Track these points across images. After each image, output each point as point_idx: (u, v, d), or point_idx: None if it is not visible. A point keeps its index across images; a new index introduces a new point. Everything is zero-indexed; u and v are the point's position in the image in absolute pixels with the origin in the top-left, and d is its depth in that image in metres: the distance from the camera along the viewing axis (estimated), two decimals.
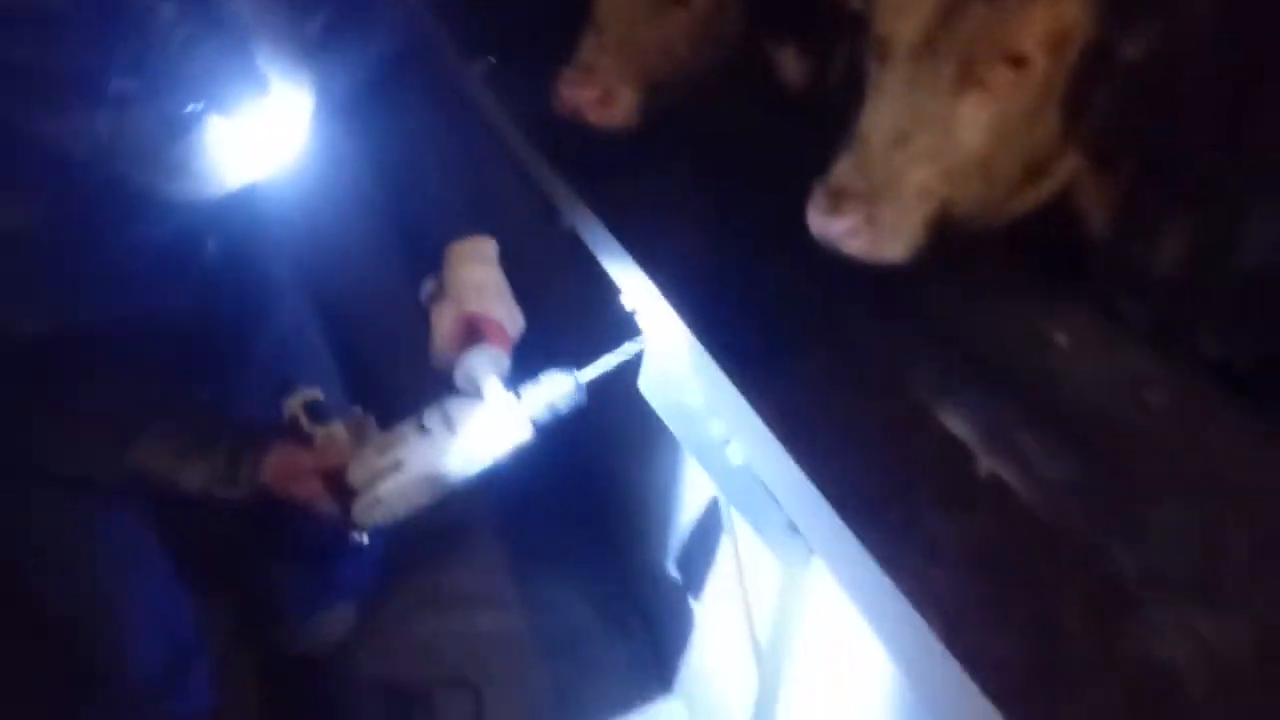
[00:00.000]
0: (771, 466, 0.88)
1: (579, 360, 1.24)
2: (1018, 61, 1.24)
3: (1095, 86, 1.33)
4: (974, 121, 1.25)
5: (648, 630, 2.05)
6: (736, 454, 1.13)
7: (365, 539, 1.22)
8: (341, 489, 1.22)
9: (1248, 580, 1.27)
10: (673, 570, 1.53)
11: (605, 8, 1.81)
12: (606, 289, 1.32)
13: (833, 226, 1.24)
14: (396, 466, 1.18)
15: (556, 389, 1.18)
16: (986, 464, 1.47)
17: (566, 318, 1.41)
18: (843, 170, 1.26)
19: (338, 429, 1.23)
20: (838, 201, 1.22)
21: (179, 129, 1.08)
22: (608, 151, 1.76)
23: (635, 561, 1.97)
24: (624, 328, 1.25)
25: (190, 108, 1.06)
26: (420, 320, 1.39)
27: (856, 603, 1.16)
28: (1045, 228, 1.59)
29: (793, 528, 1.20)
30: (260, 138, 1.13)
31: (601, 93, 1.72)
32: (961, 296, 1.55)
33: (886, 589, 1.02)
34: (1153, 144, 1.57)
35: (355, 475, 1.20)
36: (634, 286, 1.16)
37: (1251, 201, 1.52)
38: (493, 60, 1.56)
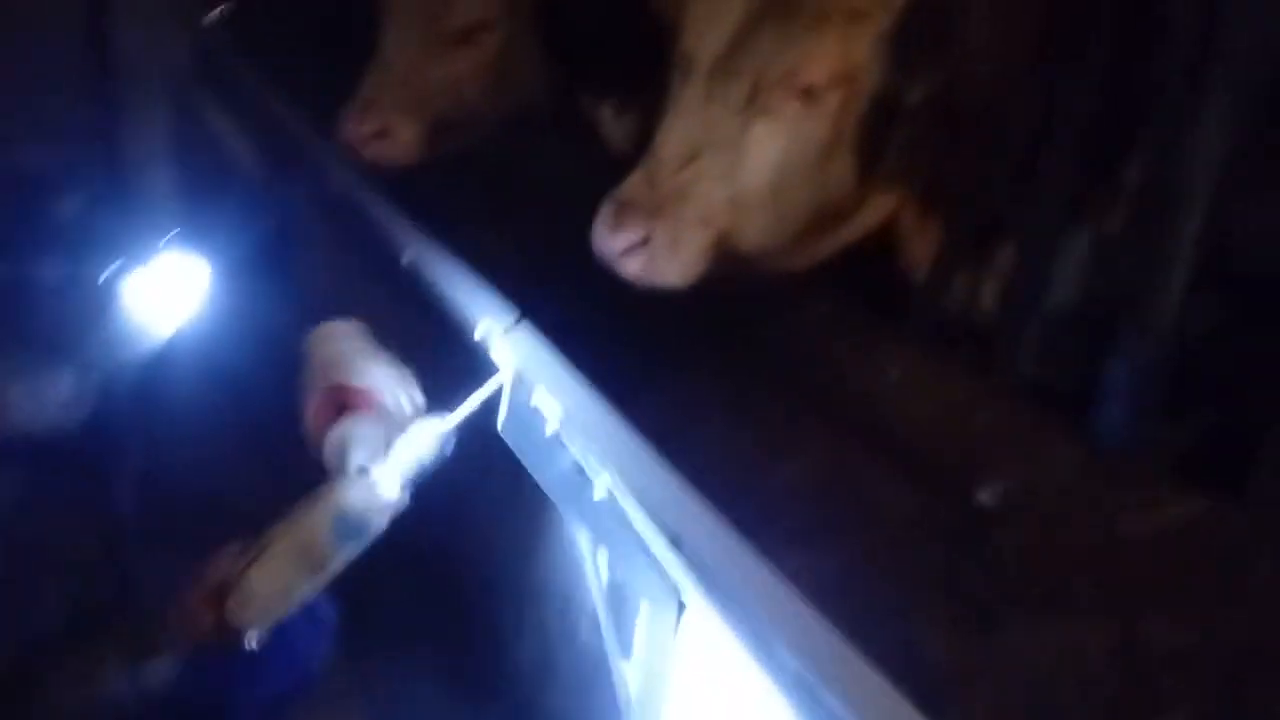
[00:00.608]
0: (643, 490, 0.83)
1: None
2: (807, 94, 1.27)
3: (890, 130, 1.38)
4: (762, 149, 1.26)
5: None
6: (601, 488, 1.07)
7: (254, 642, 1.08)
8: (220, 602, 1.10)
9: (1094, 588, 1.31)
10: (543, 630, 1.45)
11: (388, 44, 1.79)
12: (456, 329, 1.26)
13: (612, 242, 1.22)
14: (261, 552, 1.07)
15: (420, 441, 1.09)
16: (838, 497, 1.48)
17: (425, 365, 1.33)
18: (631, 184, 1.25)
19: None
20: (621, 216, 1.21)
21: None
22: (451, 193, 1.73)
23: (495, 628, 1.85)
24: (480, 368, 1.19)
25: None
26: None
27: (726, 640, 1.13)
28: (873, 266, 1.63)
29: (660, 567, 1.16)
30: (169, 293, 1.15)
31: (379, 128, 1.69)
32: (800, 334, 1.57)
33: (754, 624, 0.97)
34: (962, 185, 1.66)
35: (217, 571, 1.08)
36: (485, 319, 1.10)
37: (1054, 236, 1.61)
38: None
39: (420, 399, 1.13)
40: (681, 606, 1.30)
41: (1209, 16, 1.26)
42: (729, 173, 1.24)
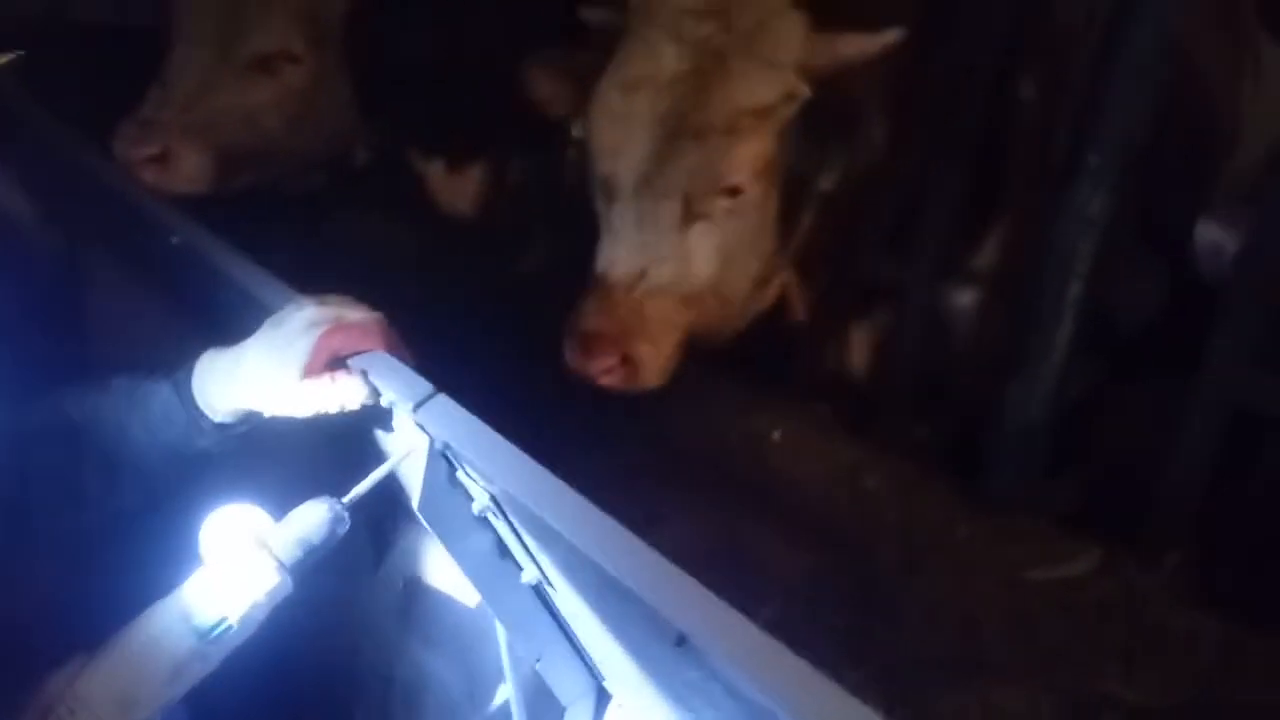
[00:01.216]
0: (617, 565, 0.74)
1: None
2: (733, 191, 1.36)
3: (798, 211, 1.48)
4: (701, 249, 1.36)
5: None
6: (530, 573, 0.97)
7: None
8: None
9: (1007, 642, 1.31)
10: None
11: (175, 64, 1.62)
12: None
13: (590, 368, 1.31)
14: (96, 661, 0.88)
15: (308, 521, 0.95)
16: (731, 562, 1.43)
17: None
18: (589, 314, 1.32)
19: None
20: (590, 346, 1.30)
21: None
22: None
23: None
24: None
25: None
26: None
27: None
28: (756, 337, 1.63)
29: (586, 656, 1.07)
30: None
31: (157, 151, 1.54)
32: (681, 409, 1.54)
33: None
34: (842, 252, 1.69)
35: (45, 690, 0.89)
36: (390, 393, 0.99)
37: (922, 298, 1.65)
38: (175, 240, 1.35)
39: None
40: (605, 697, 1.21)
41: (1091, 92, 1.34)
42: (677, 279, 1.34)
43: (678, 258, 1.35)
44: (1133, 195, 1.39)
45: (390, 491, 0.98)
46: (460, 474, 0.93)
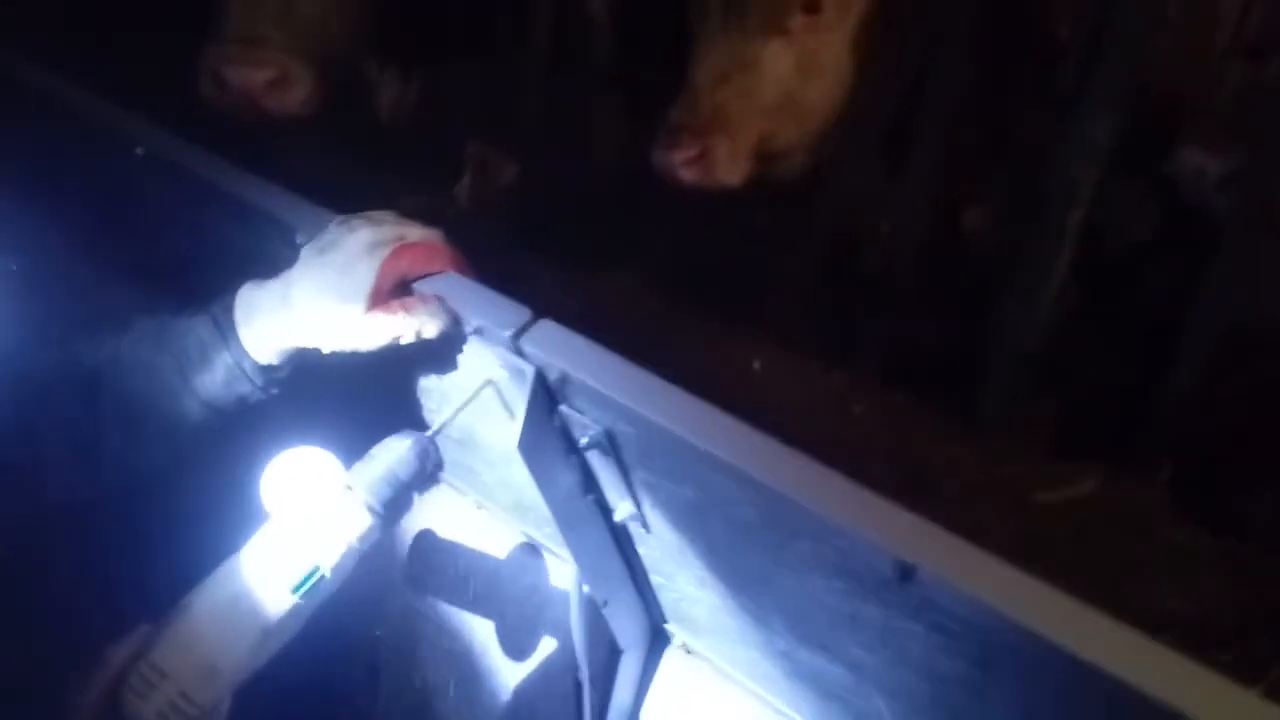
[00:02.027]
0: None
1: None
2: (809, 9, 1.41)
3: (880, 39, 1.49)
4: (781, 63, 1.42)
5: None
6: (624, 511, 0.90)
7: None
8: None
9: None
10: None
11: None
12: None
13: (671, 159, 1.34)
14: (174, 623, 0.76)
15: (393, 457, 0.84)
16: None
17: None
18: (676, 111, 1.37)
19: None
20: (675, 137, 1.34)
21: None
22: None
23: None
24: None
25: None
26: None
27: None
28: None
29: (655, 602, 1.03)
30: None
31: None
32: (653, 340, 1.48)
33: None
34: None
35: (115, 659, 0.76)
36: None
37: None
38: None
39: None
40: (663, 641, 1.16)
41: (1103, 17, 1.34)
42: (757, 88, 1.40)
43: (758, 68, 1.40)
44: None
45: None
46: (563, 407, 0.84)
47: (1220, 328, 1.39)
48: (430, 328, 0.85)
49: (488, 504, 1.33)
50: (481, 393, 0.90)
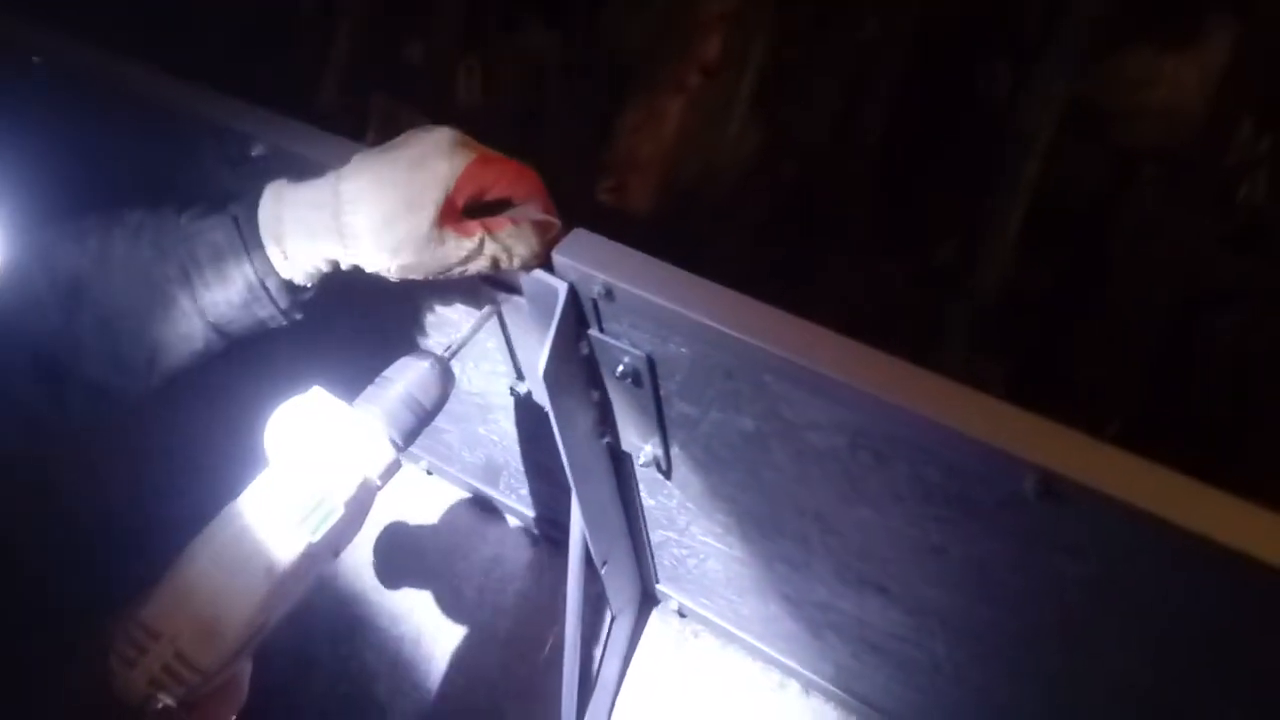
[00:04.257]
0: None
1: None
2: (706, 71, 1.48)
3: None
4: (681, 114, 1.51)
5: None
6: (649, 453, 0.80)
7: (162, 702, 0.59)
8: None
9: None
10: None
11: None
12: None
13: (596, 189, 1.44)
14: (170, 576, 0.60)
15: (411, 380, 0.70)
16: None
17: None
18: (603, 153, 1.48)
19: None
20: (599, 173, 1.45)
21: None
22: None
23: None
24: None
25: None
26: None
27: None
28: None
29: (638, 566, 0.94)
30: None
31: None
32: None
33: None
34: None
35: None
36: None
37: None
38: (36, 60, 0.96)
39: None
40: (650, 602, 1.07)
41: None
42: (661, 135, 1.51)
43: (663, 119, 1.49)
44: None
45: None
46: (592, 332, 0.74)
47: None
48: (514, 258, 0.68)
49: (443, 468, 1.21)
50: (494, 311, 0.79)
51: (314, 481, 0.65)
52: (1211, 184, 1.47)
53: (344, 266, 0.69)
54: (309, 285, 0.71)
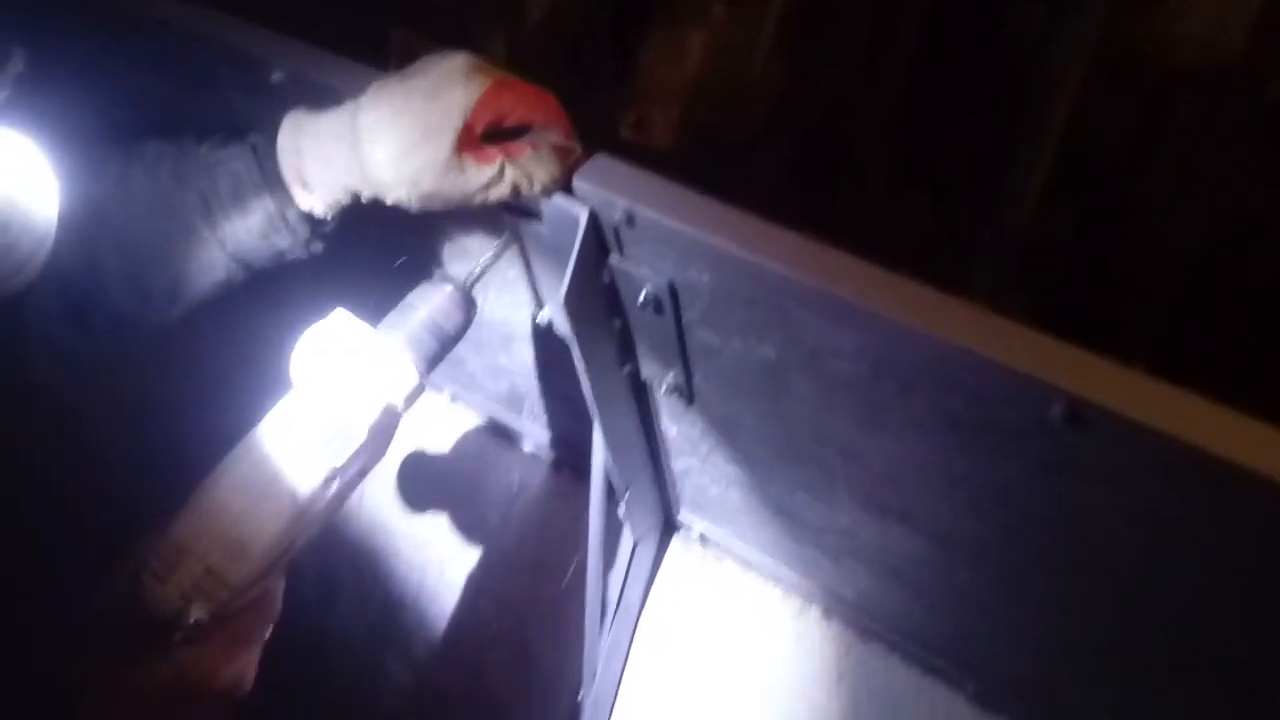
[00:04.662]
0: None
1: None
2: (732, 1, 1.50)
3: None
4: (704, 47, 1.53)
5: None
6: (673, 380, 0.80)
7: (194, 615, 0.61)
8: None
9: None
10: None
11: None
12: None
13: (618, 123, 1.47)
14: (197, 497, 0.62)
15: (433, 305, 0.71)
16: None
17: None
18: (625, 88, 1.50)
19: None
20: (621, 108, 1.47)
21: None
22: None
23: None
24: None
25: None
26: None
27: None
28: None
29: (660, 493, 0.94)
30: None
31: None
32: None
33: None
34: None
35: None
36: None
37: None
38: None
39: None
40: (671, 530, 1.08)
41: None
42: (684, 69, 1.53)
43: (686, 53, 1.51)
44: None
45: None
46: (613, 259, 0.73)
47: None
48: (535, 183, 0.67)
49: (466, 396, 1.21)
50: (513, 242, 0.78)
51: (337, 405, 0.65)
52: (1248, 115, 1.44)
53: (364, 198, 0.69)
54: (329, 217, 0.70)
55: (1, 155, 0.52)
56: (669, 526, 1.08)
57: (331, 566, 1.33)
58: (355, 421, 0.65)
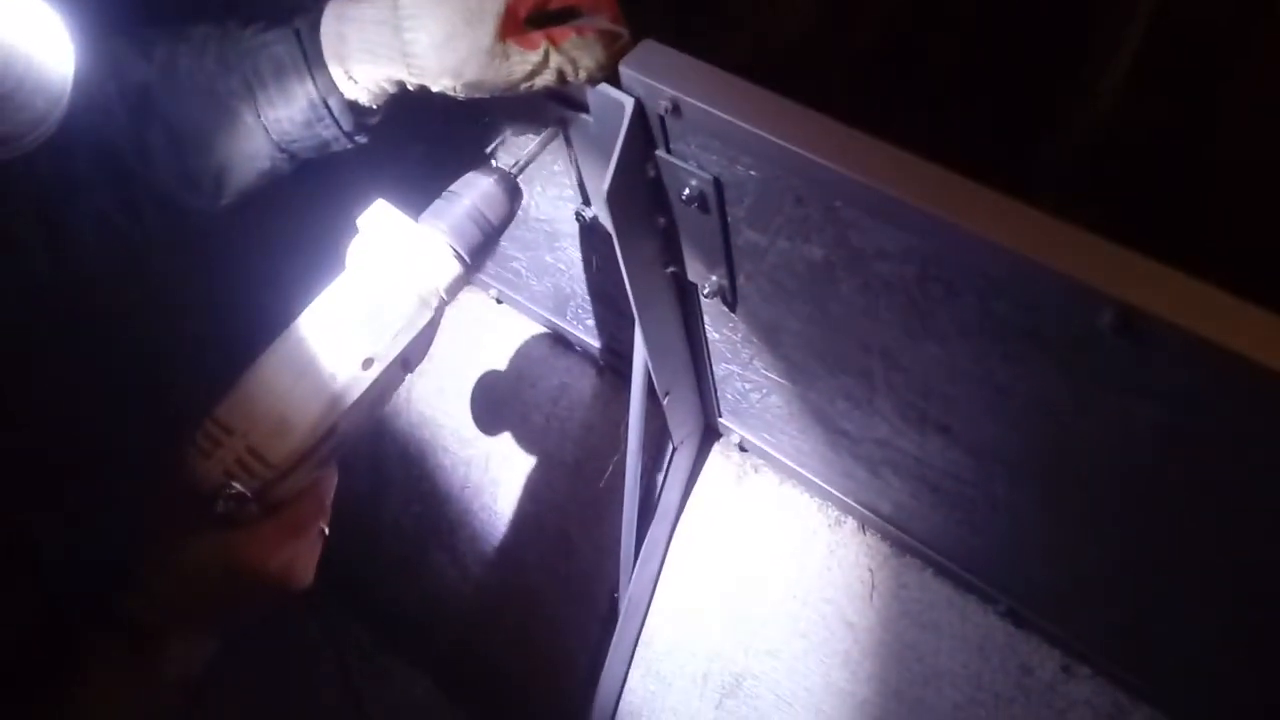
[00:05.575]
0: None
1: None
2: None
3: None
4: None
5: None
6: (715, 283, 0.79)
7: (235, 488, 0.64)
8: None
9: None
10: None
11: None
12: None
13: None
14: (240, 380, 0.64)
15: (477, 194, 0.71)
16: None
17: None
18: None
19: None
20: None
21: None
22: None
23: None
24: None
25: None
26: None
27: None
28: None
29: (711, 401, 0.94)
30: None
31: None
32: None
33: None
34: None
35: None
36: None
37: None
38: None
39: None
40: (712, 436, 1.08)
41: None
42: None
43: None
44: None
45: None
46: (659, 152, 0.72)
47: None
48: (580, 70, 0.66)
49: (512, 296, 1.22)
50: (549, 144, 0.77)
51: (376, 292, 0.66)
52: None
53: (410, 87, 0.68)
54: (375, 107, 0.69)
55: (13, 13, 0.52)
56: (710, 431, 1.09)
57: (381, 458, 1.36)
58: (393, 307, 0.66)
